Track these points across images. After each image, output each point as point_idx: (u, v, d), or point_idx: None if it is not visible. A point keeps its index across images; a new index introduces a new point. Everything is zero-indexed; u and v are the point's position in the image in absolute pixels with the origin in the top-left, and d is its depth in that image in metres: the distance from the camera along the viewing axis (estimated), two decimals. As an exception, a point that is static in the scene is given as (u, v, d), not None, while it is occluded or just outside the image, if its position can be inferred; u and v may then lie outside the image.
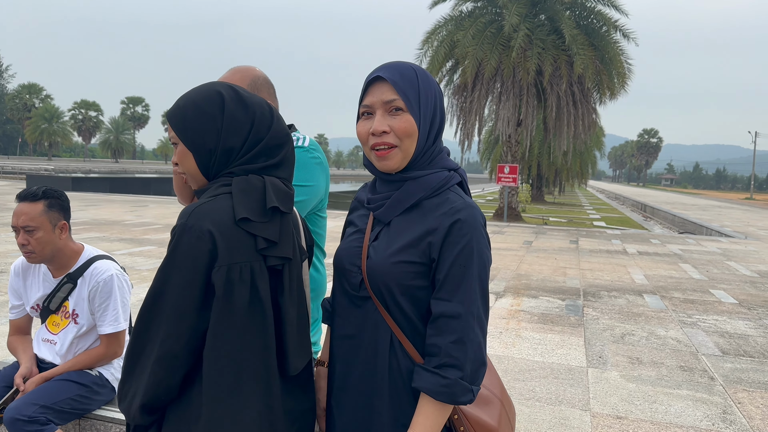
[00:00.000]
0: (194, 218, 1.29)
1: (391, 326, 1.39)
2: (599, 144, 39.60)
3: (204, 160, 1.40)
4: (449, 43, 19.48)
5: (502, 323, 5.84)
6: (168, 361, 1.29)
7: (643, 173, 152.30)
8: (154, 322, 1.29)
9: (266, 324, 1.34)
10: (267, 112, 1.42)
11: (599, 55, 18.84)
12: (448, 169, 1.46)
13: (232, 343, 1.30)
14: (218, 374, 1.29)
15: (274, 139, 1.42)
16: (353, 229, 1.54)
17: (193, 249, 1.27)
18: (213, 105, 1.38)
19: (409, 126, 1.38)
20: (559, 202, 38.59)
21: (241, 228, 1.31)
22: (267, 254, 1.34)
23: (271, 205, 1.34)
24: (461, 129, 20.44)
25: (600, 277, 8.70)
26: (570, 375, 4.38)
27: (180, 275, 1.28)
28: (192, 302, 1.28)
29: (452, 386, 1.30)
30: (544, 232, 15.24)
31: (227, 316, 1.29)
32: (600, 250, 11.92)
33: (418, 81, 1.41)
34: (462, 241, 1.34)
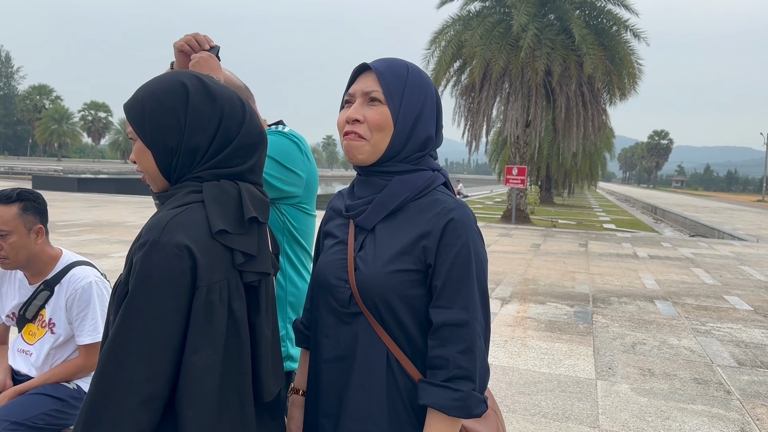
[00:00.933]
0: (168, 233, 1.10)
1: (387, 342, 1.27)
2: (609, 145, 39.19)
3: (164, 160, 1.22)
4: (457, 43, 19.29)
5: (508, 331, 5.63)
6: (152, 405, 1.08)
7: (653, 175, 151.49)
8: (130, 361, 1.07)
9: (242, 347, 1.17)
10: (238, 107, 1.24)
11: (609, 55, 18.58)
12: (432, 169, 1.36)
13: (211, 372, 1.11)
14: (197, 410, 1.10)
15: (246, 139, 1.24)
16: (333, 241, 1.39)
17: (172, 270, 1.08)
18: (175, 97, 1.20)
19: (383, 119, 1.29)
20: (568, 204, 38.28)
21: (218, 241, 1.14)
22: (244, 269, 1.18)
23: (249, 216, 1.19)
24: (469, 130, 20.24)
25: (610, 282, 8.47)
26: (578, 388, 4.17)
27: (159, 301, 1.08)
28: (175, 333, 1.09)
29: (466, 399, 1.20)
30: (552, 235, 15.01)
31: (206, 341, 1.11)
32: (610, 253, 11.69)
33: (407, 76, 1.32)
34: (458, 242, 1.25)
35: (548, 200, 37.50)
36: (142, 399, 1.07)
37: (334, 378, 1.33)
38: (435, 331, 1.24)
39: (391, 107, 1.29)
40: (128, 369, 1.07)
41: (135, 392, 1.07)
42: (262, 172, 1.30)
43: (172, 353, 1.09)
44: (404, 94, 1.31)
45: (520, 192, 20.19)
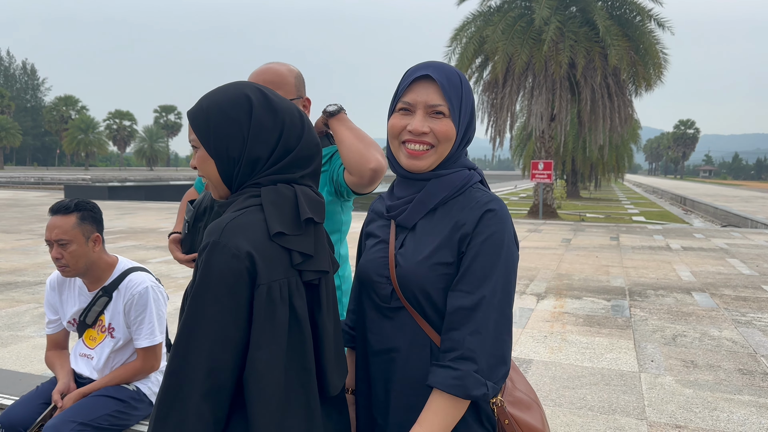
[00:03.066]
0: (227, 235, 1.15)
1: (429, 334, 1.32)
2: (635, 137, 38.70)
3: (227, 169, 1.27)
4: (478, 39, 19.23)
5: (546, 326, 5.64)
6: (215, 397, 1.14)
7: (680, 165, 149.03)
8: (192, 356, 1.14)
9: (305, 344, 1.22)
10: (297, 120, 1.29)
11: (634, 46, 18.36)
12: (468, 168, 1.41)
13: (276, 368, 1.17)
14: (264, 404, 1.16)
15: (304, 150, 1.29)
16: (375, 240, 1.46)
17: (230, 269, 1.13)
18: (240, 110, 1.25)
19: (450, 131, 1.34)
20: (595, 197, 37.87)
21: (276, 243, 1.19)
22: (303, 269, 1.23)
23: (305, 217, 1.24)
24: (492, 126, 20.16)
25: (645, 275, 8.41)
26: (622, 381, 4.17)
27: (217, 300, 1.14)
28: (235, 329, 1.15)
29: (463, 378, 1.22)
30: (582, 229, 14.91)
31: (269, 338, 1.16)
32: (642, 246, 11.58)
33: (462, 88, 1.37)
34: (488, 231, 1.29)
35: (575, 194, 37.16)
36: (205, 392, 1.13)
37: (381, 371, 1.39)
38: (450, 314, 1.28)
39: (454, 119, 1.35)
40: (191, 363, 1.13)
41: (197, 385, 1.13)
42: (318, 177, 1.35)
43: (233, 349, 1.14)
44: (462, 105, 1.36)
45: (547, 187, 20.05)
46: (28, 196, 26.39)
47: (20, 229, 13.12)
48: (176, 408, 1.13)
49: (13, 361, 4.31)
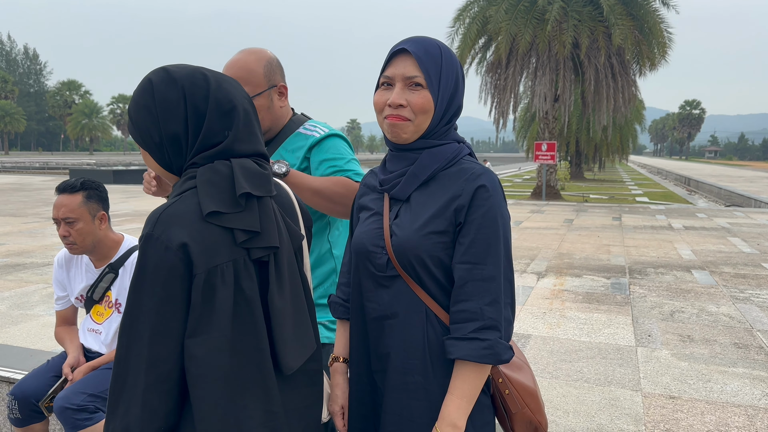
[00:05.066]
0: (161, 226, 1.13)
1: (425, 300, 1.38)
2: (639, 117, 38.51)
3: (158, 156, 1.27)
4: (481, 20, 19.12)
5: (546, 303, 5.72)
6: (160, 386, 1.14)
7: (685, 146, 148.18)
8: (135, 348, 1.13)
9: (256, 324, 1.19)
10: (200, 80, 1.23)
11: (638, 26, 18.24)
12: (457, 141, 1.47)
13: (219, 352, 1.15)
14: (207, 388, 1.15)
15: (217, 109, 1.23)
16: (368, 213, 1.52)
17: (164, 261, 1.12)
18: (145, 94, 1.24)
19: (426, 103, 1.38)
20: (599, 178, 37.81)
21: (214, 224, 1.16)
22: (249, 246, 1.19)
23: (241, 192, 1.18)
24: (496, 107, 20.12)
25: (645, 253, 8.47)
26: (619, 355, 4.25)
27: (154, 292, 1.12)
28: (174, 320, 1.13)
29: (494, 346, 1.30)
30: (585, 210, 14.94)
31: (208, 325, 1.14)
32: (644, 226, 11.62)
33: (441, 59, 1.41)
34: (486, 204, 1.35)
35: (578, 175, 37.10)
36: (150, 382, 1.13)
37: (378, 336, 1.45)
38: (462, 285, 1.34)
39: (431, 90, 1.39)
40: (134, 355, 1.13)
41: (141, 375, 1.13)
42: (257, 139, 1.29)
43: (173, 340, 1.14)
44: (441, 76, 1.40)
45: (550, 168, 20.05)
46: (34, 181, 26.52)
47: (27, 213, 13.24)
48: (124, 396, 1.14)
49: (24, 339, 4.42)
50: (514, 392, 1.44)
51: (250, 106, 1.30)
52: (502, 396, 1.45)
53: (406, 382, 1.41)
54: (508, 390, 1.43)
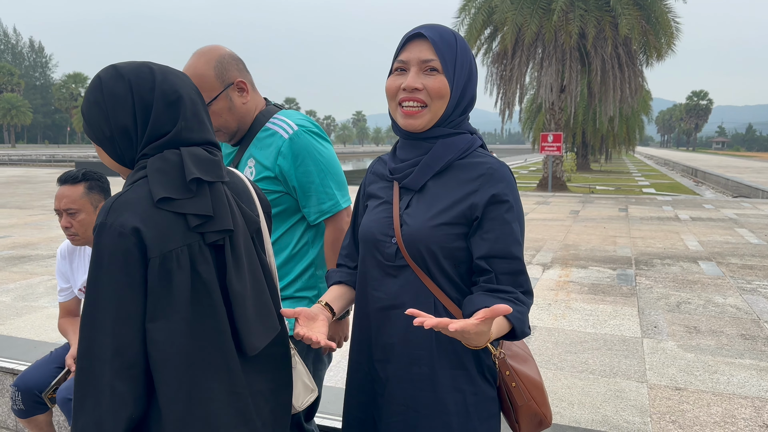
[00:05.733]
0: (113, 214, 1.16)
1: (434, 291, 1.38)
2: (646, 108, 38.22)
3: (111, 150, 1.30)
4: (487, 10, 19.00)
5: (551, 295, 5.69)
6: (127, 374, 1.15)
7: (692, 137, 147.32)
8: (96, 338, 1.14)
9: (215, 307, 1.22)
10: (145, 74, 1.27)
11: (645, 15, 18.08)
12: (470, 132, 1.46)
13: (179, 336, 1.17)
14: (170, 371, 1.17)
15: (163, 99, 1.26)
16: (377, 201, 1.50)
17: (119, 248, 1.14)
18: (95, 91, 1.28)
19: (443, 87, 1.37)
20: (605, 169, 37.64)
21: (166, 210, 1.19)
22: (203, 231, 1.22)
23: (191, 177, 1.21)
24: (501, 98, 20.02)
25: (652, 245, 8.42)
26: (624, 346, 4.23)
27: (111, 280, 1.14)
28: (134, 305, 1.15)
29: (524, 315, 1.32)
30: (591, 201, 14.87)
31: (166, 308, 1.17)
32: (651, 217, 11.56)
33: (457, 46, 1.39)
34: (507, 199, 1.35)
35: (585, 167, 36.94)
36: (116, 369, 1.14)
37: (383, 326, 1.44)
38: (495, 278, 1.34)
39: (447, 76, 1.37)
40: (98, 343, 1.14)
41: (107, 364, 1.13)
42: (205, 128, 1.33)
43: (135, 325, 1.15)
44: (456, 62, 1.38)
45: (557, 159, 19.96)
46: (40, 173, 26.61)
47: (33, 205, 13.28)
48: (91, 389, 1.15)
49: (28, 330, 4.43)
50: (521, 385, 1.43)
51: (197, 96, 1.33)
52: (508, 388, 1.44)
53: (411, 373, 1.40)
54: (515, 383, 1.43)
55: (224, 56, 1.92)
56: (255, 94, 2.02)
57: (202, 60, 1.90)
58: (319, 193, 1.93)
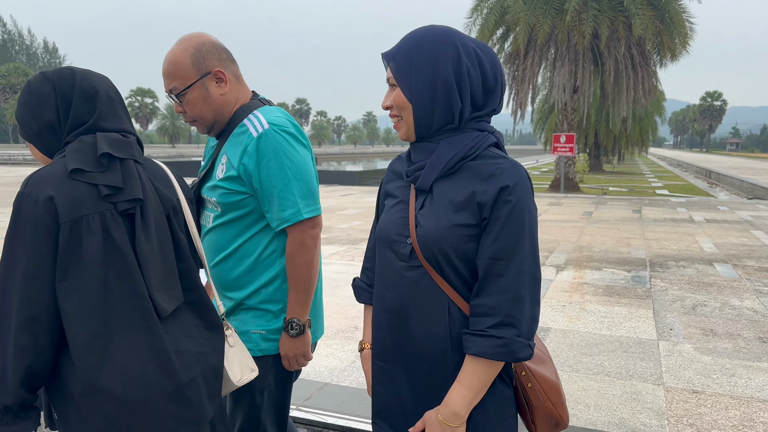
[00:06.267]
0: (31, 185, 1.32)
1: (447, 292, 1.37)
2: (660, 109, 37.95)
3: (40, 144, 1.47)
4: (499, 10, 18.94)
5: (565, 296, 5.67)
6: (29, 326, 1.28)
7: (706, 138, 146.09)
8: (7, 294, 1.30)
9: (130, 269, 1.35)
10: (67, 75, 1.45)
11: (659, 15, 17.95)
12: (480, 130, 1.43)
13: (90, 293, 1.31)
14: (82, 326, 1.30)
15: (82, 94, 1.44)
16: (394, 201, 1.51)
17: (32, 215, 1.29)
18: (24, 93, 1.46)
19: (399, 100, 1.41)
20: (618, 171, 37.41)
21: (80, 181, 1.33)
22: (114, 201, 1.36)
23: (101, 152, 1.37)
24: (514, 99, 19.95)
25: (666, 246, 8.36)
26: (640, 348, 4.21)
27: (23, 242, 1.29)
28: (42, 265, 1.29)
29: (510, 344, 1.29)
30: (604, 203, 14.80)
31: (77, 267, 1.30)
32: (665, 219, 11.48)
33: (416, 50, 1.39)
34: (512, 200, 1.33)
35: (597, 168, 36.75)
36: (20, 323, 1.28)
37: (396, 326, 1.44)
38: (483, 281, 1.33)
39: (402, 87, 1.40)
40: (7, 301, 1.30)
41: (12, 318, 1.29)
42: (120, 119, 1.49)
43: (43, 284, 1.29)
44: (412, 71, 1.38)
45: (569, 160, 19.87)
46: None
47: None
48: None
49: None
50: (537, 385, 1.42)
51: (114, 93, 1.50)
52: (524, 389, 1.43)
53: (428, 372, 1.41)
54: (531, 383, 1.42)
55: (204, 44, 1.83)
56: (239, 87, 1.92)
57: (181, 47, 1.82)
58: (281, 198, 1.79)
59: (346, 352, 4.13)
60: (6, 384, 1.28)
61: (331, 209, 12.77)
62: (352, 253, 7.71)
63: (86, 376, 1.30)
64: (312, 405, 3.23)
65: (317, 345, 2.69)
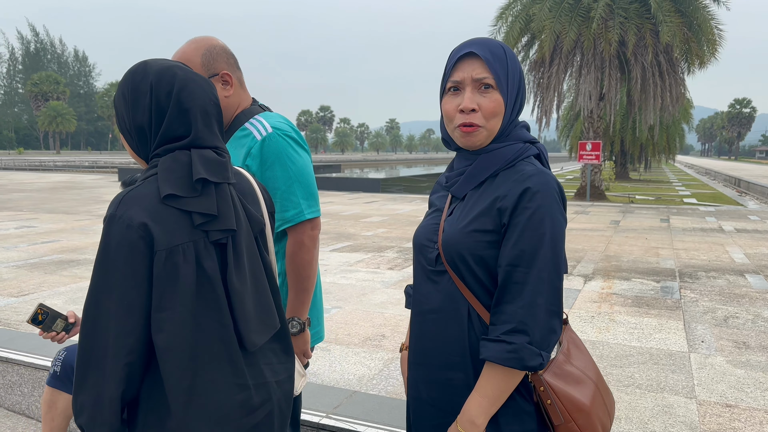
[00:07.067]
0: (123, 207, 1.22)
1: (468, 298, 1.38)
2: (687, 116, 37.38)
3: (130, 141, 1.37)
4: (524, 18, 18.90)
5: (594, 307, 5.62)
6: (127, 358, 1.21)
7: (734, 146, 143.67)
8: (101, 322, 1.21)
9: (219, 301, 1.27)
10: (168, 78, 1.32)
11: (687, 22, 17.74)
12: (523, 141, 1.44)
13: (183, 326, 1.23)
14: (174, 360, 1.23)
15: (178, 106, 1.31)
16: (432, 209, 1.56)
17: (125, 240, 1.20)
18: (125, 83, 1.34)
19: (497, 105, 1.38)
20: (645, 179, 36.92)
21: (172, 206, 1.24)
22: (207, 229, 1.27)
23: (197, 177, 1.26)
24: (538, 106, 19.84)
25: (696, 256, 8.24)
26: (671, 360, 4.16)
27: (117, 268, 1.20)
28: (137, 294, 1.21)
29: (519, 351, 1.28)
30: (631, 211, 14.63)
31: (172, 299, 1.22)
32: (694, 228, 11.32)
33: (506, 59, 1.40)
34: (532, 205, 1.32)
35: (624, 176, 36.33)
36: (116, 353, 1.20)
37: (423, 330, 1.47)
38: (502, 288, 1.33)
39: (501, 91, 1.38)
40: (101, 327, 1.20)
41: (109, 348, 1.20)
42: (216, 137, 1.37)
43: (138, 312, 1.21)
44: (508, 77, 1.40)
45: (595, 168, 19.70)
46: (85, 179, 27.35)
47: (79, 210, 13.66)
48: (92, 369, 1.21)
49: (80, 333, 4.56)
50: (558, 404, 1.37)
51: (212, 107, 1.37)
52: (544, 405, 1.39)
53: (449, 378, 1.42)
54: (550, 400, 1.37)
55: (215, 47, 1.91)
56: (241, 92, 2.00)
57: (192, 47, 1.90)
58: (284, 200, 1.86)
59: (374, 360, 4.15)
60: (103, 414, 1.23)
61: (356, 217, 12.82)
62: (378, 261, 7.73)
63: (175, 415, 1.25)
64: (341, 413, 3.25)
65: (325, 349, 2.70)
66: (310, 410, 3.16)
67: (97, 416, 1.22)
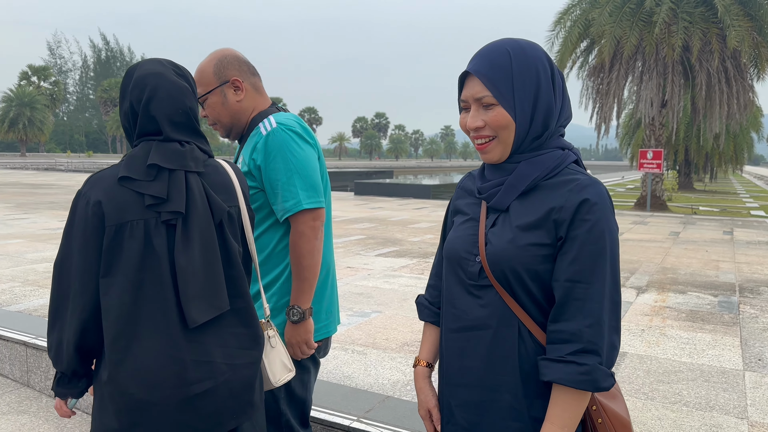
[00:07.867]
0: (87, 186, 1.45)
1: (518, 314, 1.31)
2: (756, 125, 35.72)
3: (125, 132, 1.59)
4: (583, 23, 18.50)
5: (645, 320, 5.41)
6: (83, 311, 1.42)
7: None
8: (64, 280, 1.45)
9: (163, 277, 1.43)
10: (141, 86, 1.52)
11: (756, 26, 16.96)
12: (561, 148, 1.37)
13: (123, 292, 1.40)
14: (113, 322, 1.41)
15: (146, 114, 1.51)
16: (464, 218, 1.46)
17: (84, 214, 1.42)
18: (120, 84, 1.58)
19: (502, 119, 1.32)
20: (710, 189, 35.49)
21: (128, 188, 1.43)
22: (158, 210, 1.44)
23: (149, 163, 1.45)
24: (597, 113, 19.37)
25: (759, 271, 7.83)
26: (723, 378, 3.94)
27: (76, 238, 1.42)
28: (91, 262, 1.41)
29: (592, 372, 1.22)
30: (693, 223, 14.07)
31: (115, 267, 1.41)
32: (759, 241, 10.77)
33: (512, 66, 1.31)
34: (591, 218, 1.26)
35: (687, 186, 35.03)
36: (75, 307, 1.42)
37: (464, 347, 1.38)
38: (562, 304, 1.26)
39: (505, 105, 1.31)
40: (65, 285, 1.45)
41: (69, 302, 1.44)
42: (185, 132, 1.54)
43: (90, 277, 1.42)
44: (514, 86, 1.31)
45: (656, 177, 19.05)
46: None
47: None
48: (58, 318, 1.47)
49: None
50: (607, 421, 1.33)
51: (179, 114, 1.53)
52: (593, 424, 1.34)
53: (494, 400, 1.34)
54: (601, 419, 1.33)
55: (226, 56, 2.07)
56: (256, 96, 2.11)
57: (208, 59, 2.07)
58: (284, 191, 1.93)
59: (410, 366, 4.10)
60: (62, 355, 1.46)
61: (404, 222, 12.79)
62: (422, 267, 7.68)
63: (110, 368, 1.42)
64: (373, 417, 3.22)
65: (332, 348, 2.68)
66: (341, 413, 3.14)
67: (59, 355, 1.47)
